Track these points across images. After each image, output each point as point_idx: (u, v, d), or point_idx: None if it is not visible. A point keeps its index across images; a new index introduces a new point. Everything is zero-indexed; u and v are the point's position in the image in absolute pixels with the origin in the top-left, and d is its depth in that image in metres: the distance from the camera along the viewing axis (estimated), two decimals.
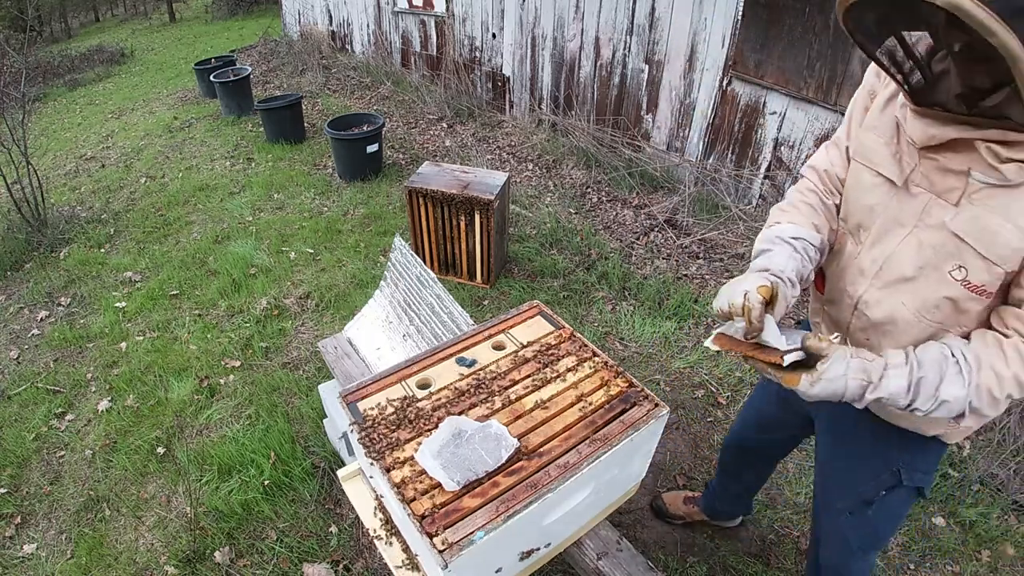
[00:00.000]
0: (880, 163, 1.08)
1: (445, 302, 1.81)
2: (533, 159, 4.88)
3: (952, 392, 0.96)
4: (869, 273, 1.12)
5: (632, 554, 1.45)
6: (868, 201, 1.11)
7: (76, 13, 18.62)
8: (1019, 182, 0.88)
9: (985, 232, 0.93)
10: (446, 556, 1.05)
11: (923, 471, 1.26)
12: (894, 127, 1.05)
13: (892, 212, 1.06)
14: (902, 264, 1.06)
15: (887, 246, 1.08)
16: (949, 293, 1.00)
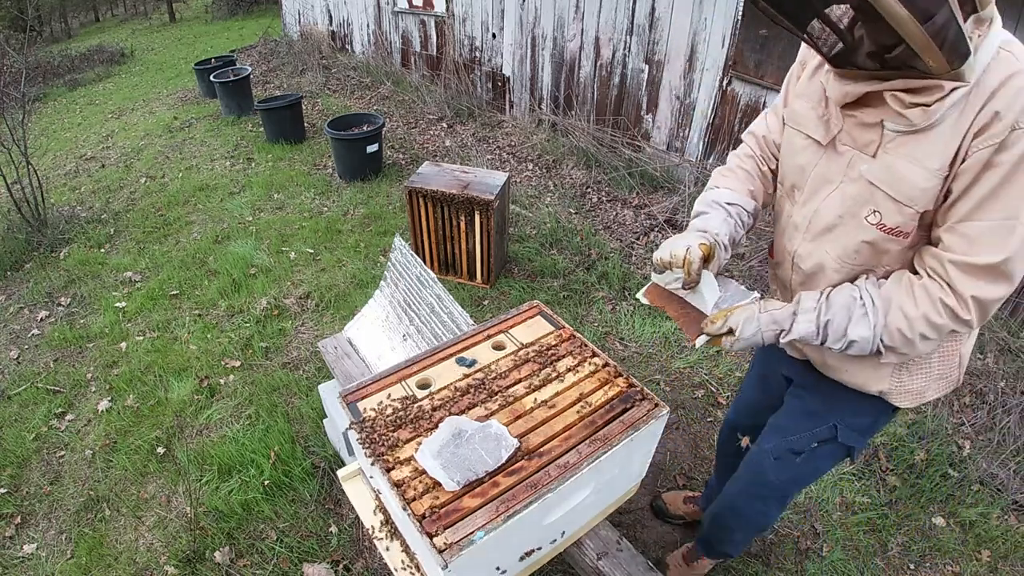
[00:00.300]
0: (808, 126, 1.15)
1: (445, 302, 1.81)
2: (533, 159, 4.88)
3: (859, 332, 1.06)
4: (801, 228, 1.20)
5: (632, 554, 1.45)
6: (799, 161, 1.18)
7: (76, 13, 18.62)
8: (925, 126, 0.94)
9: (895, 176, 1.00)
10: (446, 556, 1.05)
11: (858, 431, 1.32)
12: (821, 92, 1.12)
13: (820, 170, 1.14)
14: (826, 215, 1.13)
15: (816, 202, 1.15)
16: (866, 237, 1.08)
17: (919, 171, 0.97)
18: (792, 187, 1.23)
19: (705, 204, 1.30)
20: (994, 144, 0.90)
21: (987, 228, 0.94)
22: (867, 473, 2.30)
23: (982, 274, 0.96)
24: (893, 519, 2.14)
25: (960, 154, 0.94)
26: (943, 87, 0.90)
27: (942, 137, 0.94)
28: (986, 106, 0.90)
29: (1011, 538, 2.08)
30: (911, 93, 0.93)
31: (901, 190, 1.00)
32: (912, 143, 0.98)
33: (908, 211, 1.01)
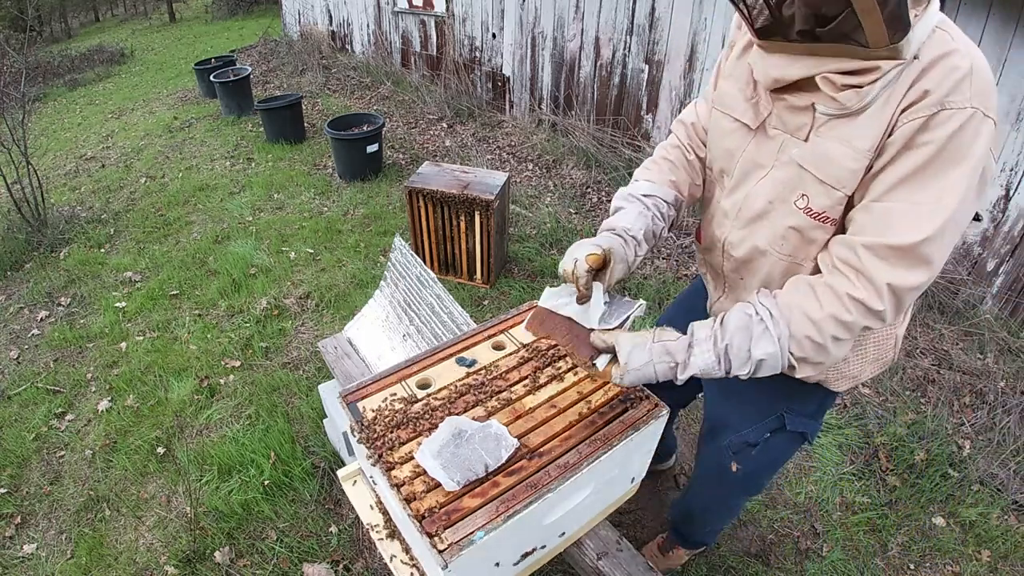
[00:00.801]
0: (735, 108, 1.11)
1: (445, 302, 1.81)
2: (533, 159, 4.88)
3: (765, 349, 0.96)
4: (731, 215, 1.16)
5: (632, 554, 1.45)
6: (727, 145, 1.14)
7: (76, 13, 18.62)
8: (857, 108, 0.90)
9: (823, 158, 0.96)
10: (446, 556, 1.05)
11: (806, 416, 1.30)
12: (749, 74, 1.08)
13: (750, 154, 1.09)
14: (757, 202, 1.09)
15: (747, 187, 1.11)
16: (794, 223, 1.03)
17: (848, 152, 0.93)
18: (721, 172, 1.19)
19: (622, 199, 1.27)
20: (920, 118, 0.86)
21: (905, 209, 0.89)
22: (867, 473, 2.30)
23: (897, 258, 0.89)
24: (893, 519, 2.14)
25: (887, 130, 0.90)
26: (879, 67, 0.86)
27: (873, 117, 0.90)
28: (916, 84, 0.87)
29: (1011, 538, 2.08)
30: (844, 75, 0.89)
31: (829, 172, 0.96)
32: (843, 125, 0.94)
33: (836, 194, 0.96)
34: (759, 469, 1.43)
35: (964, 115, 0.84)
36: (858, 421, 2.49)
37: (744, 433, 1.38)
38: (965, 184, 0.86)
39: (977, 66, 0.86)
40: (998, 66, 2.68)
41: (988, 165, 0.89)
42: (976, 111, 0.84)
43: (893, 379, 2.65)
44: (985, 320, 2.89)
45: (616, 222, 1.21)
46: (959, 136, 0.84)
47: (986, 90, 0.85)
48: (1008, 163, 2.78)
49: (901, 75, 0.88)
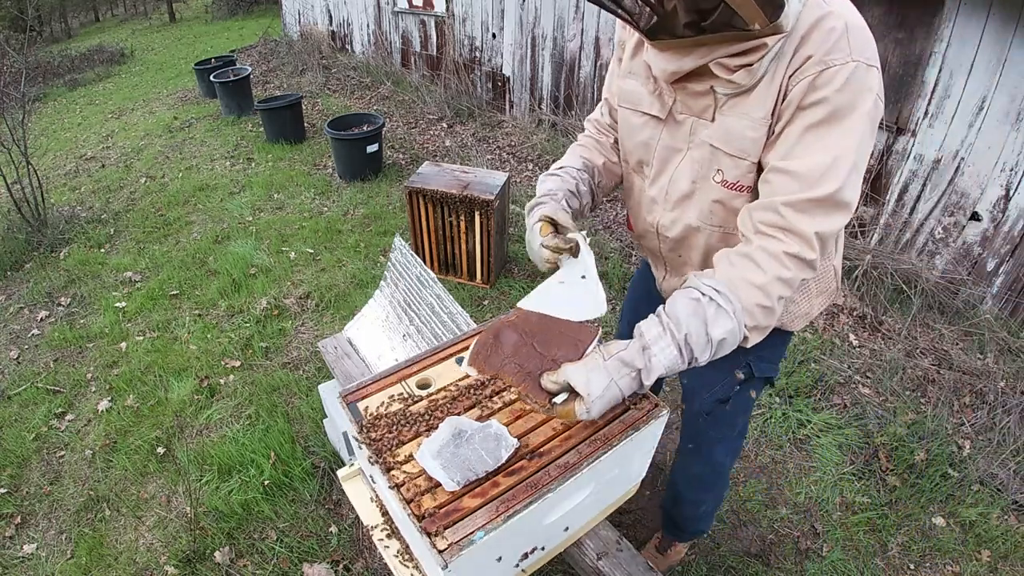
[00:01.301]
0: (642, 103, 1.18)
1: (445, 302, 1.81)
2: (533, 159, 4.88)
3: (724, 327, 0.96)
4: (660, 200, 1.23)
5: (632, 554, 1.45)
6: (642, 138, 1.21)
7: (76, 13, 18.62)
8: (751, 85, 0.97)
9: (728, 134, 1.04)
10: (446, 556, 1.05)
11: (769, 361, 1.37)
12: (647, 69, 1.15)
13: (666, 142, 1.16)
14: (681, 184, 1.17)
15: (669, 172, 1.19)
16: (716, 196, 1.11)
17: (747, 123, 1.01)
18: (639, 163, 1.26)
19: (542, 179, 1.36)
20: (808, 78, 0.92)
21: (815, 163, 0.94)
22: (867, 473, 2.30)
23: (817, 208, 0.95)
24: (893, 519, 2.14)
25: (779, 97, 0.96)
26: (765, 44, 0.91)
27: (764, 88, 0.97)
28: (798, 51, 0.93)
29: (1011, 538, 2.08)
30: (733, 57, 0.94)
31: (735, 145, 1.03)
32: (742, 101, 1.01)
33: (743, 163, 1.04)
34: (735, 416, 1.48)
35: (848, 69, 0.90)
36: (858, 421, 2.49)
37: (715, 391, 1.42)
38: (860, 129, 0.92)
39: (851, 23, 0.92)
40: (998, 66, 2.68)
41: (877, 107, 0.94)
42: (858, 63, 0.91)
43: (893, 379, 2.65)
44: (985, 320, 2.89)
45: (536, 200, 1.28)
46: (847, 88, 0.91)
47: (864, 43, 0.92)
48: (1008, 163, 2.78)
49: (784, 44, 0.94)
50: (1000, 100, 2.72)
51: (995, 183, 2.85)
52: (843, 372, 2.70)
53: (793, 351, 2.79)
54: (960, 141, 2.91)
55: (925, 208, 3.13)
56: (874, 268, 3.12)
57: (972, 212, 2.98)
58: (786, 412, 2.53)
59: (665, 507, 1.84)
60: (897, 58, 3.01)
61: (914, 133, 3.05)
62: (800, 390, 2.63)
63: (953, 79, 2.84)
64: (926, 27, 2.86)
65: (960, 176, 2.97)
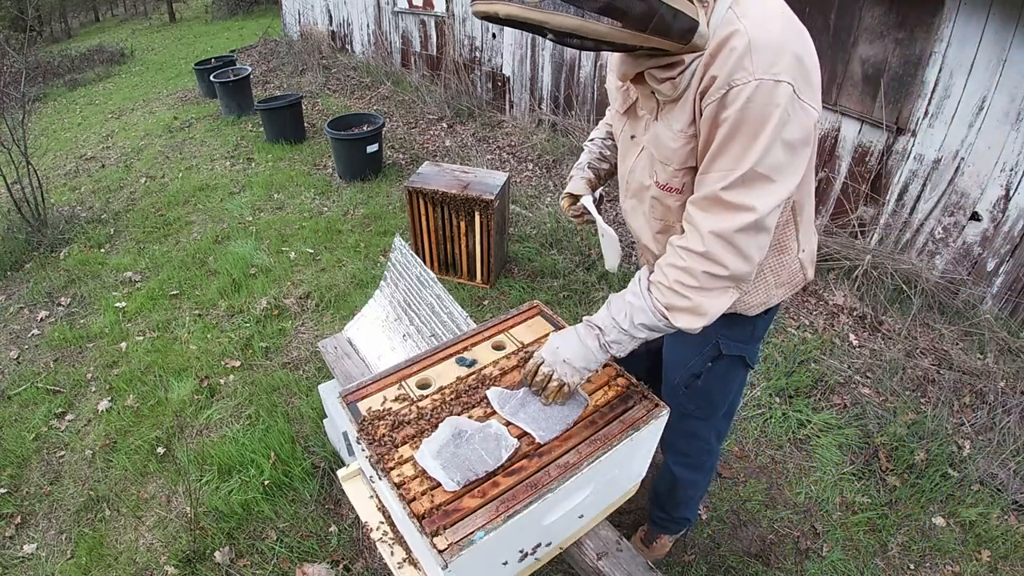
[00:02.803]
0: (614, 99, 1.31)
1: (445, 302, 1.81)
2: (533, 159, 4.88)
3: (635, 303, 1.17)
4: (622, 187, 1.35)
5: (632, 554, 1.45)
6: (615, 128, 1.35)
7: (76, 13, 18.61)
8: (676, 96, 1.06)
9: (657, 140, 1.14)
10: (446, 556, 1.05)
11: (737, 341, 1.44)
12: None
13: (627, 132, 1.28)
14: (638, 174, 1.26)
15: (629, 162, 1.29)
16: (655, 194, 1.22)
17: (669, 133, 1.10)
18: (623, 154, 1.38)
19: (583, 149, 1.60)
20: (715, 100, 0.99)
21: (716, 171, 1.04)
22: (867, 473, 2.30)
23: (712, 206, 1.05)
24: (893, 519, 2.14)
25: (695, 114, 1.05)
26: (683, 60, 1.00)
27: (684, 101, 1.06)
28: (707, 71, 0.99)
29: (1011, 538, 2.08)
30: (662, 69, 1.03)
31: (662, 152, 1.14)
32: (671, 109, 1.10)
33: (668, 169, 1.14)
34: (711, 392, 1.53)
35: (750, 88, 0.95)
36: (858, 421, 2.49)
37: (689, 366, 1.50)
38: (765, 141, 0.98)
39: (755, 40, 0.95)
40: (998, 66, 2.68)
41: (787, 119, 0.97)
42: (761, 81, 0.95)
43: (893, 379, 2.65)
44: (985, 320, 2.89)
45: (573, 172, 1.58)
46: (749, 106, 0.96)
47: (767, 59, 0.95)
48: (1008, 163, 2.78)
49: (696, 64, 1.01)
50: (1000, 100, 2.72)
51: (995, 183, 2.85)
52: (843, 372, 2.70)
53: (793, 351, 2.79)
54: (960, 141, 2.91)
55: (925, 208, 3.13)
56: (874, 268, 3.12)
57: (972, 212, 2.97)
58: (786, 412, 2.53)
59: (657, 492, 1.87)
60: (897, 58, 3.01)
61: (914, 133, 3.05)
62: (800, 390, 2.63)
63: (953, 79, 2.84)
64: (926, 27, 2.86)
65: (960, 176, 2.96)
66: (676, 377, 1.55)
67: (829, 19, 3.08)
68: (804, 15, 3.15)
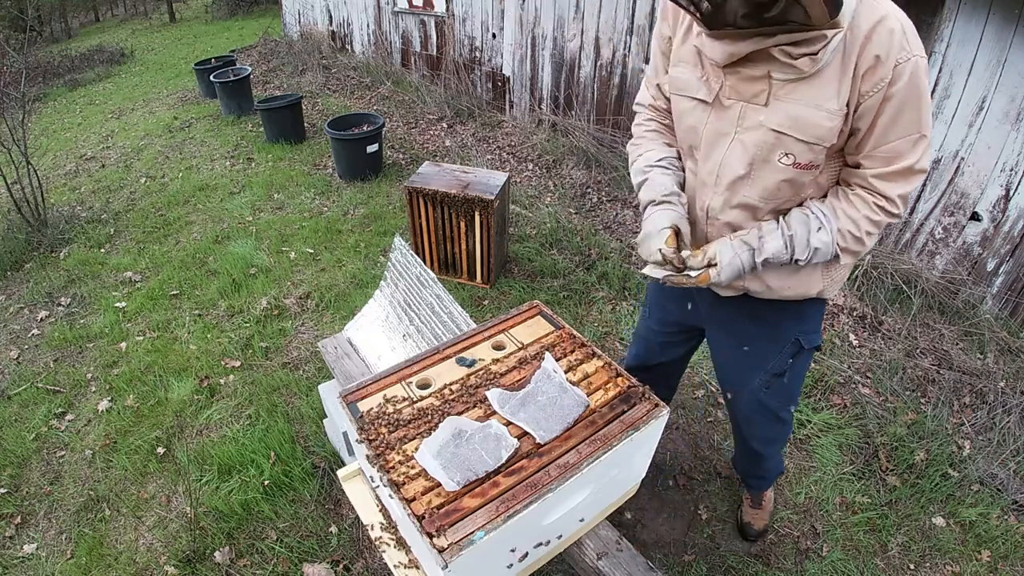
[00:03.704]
0: (690, 88, 1.25)
1: (445, 302, 1.81)
2: (533, 159, 4.88)
3: (821, 239, 1.21)
4: (710, 183, 1.30)
5: (632, 554, 1.45)
6: (690, 123, 1.29)
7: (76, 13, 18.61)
8: (812, 72, 1.07)
9: (799, 121, 1.12)
10: (446, 556, 1.05)
11: (814, 331, 1.50)
12: (696, 56, 1.22)
13: (712, 126, 1.24)
14: (733, 166, 1.24)
15: (717, 156, 1.26)
16: (784, 176, 1.20)
17: (821, 114, 1.10)
18: (690, 147, 1.33)
19: (640, 173, 1.42)
20: (884, 83, 1.05)
21: (896, 146, 1.12)
22: (867, 473, 2.30)
23: (899, 177, 1.15)
24: (893, 519, 2.14)
25: (855, 95, 1.08)
26: (825, 35, 1.01)
27: (831, 79, 1.07)
28: (865, 50, 1.04)
29: (1011, 538, 2.08)
30: (795, 45, 1.03)
31: (809, 132, 1.12)
32: (803, 88, 1.09)
33: (818, 148, 1.14)
34: (791, 391, 1.63)
35: (912, 64, 1.05)
36: (858, 421, 2.49)
37: (770, 367, 1.54)
38: (927, 110, 1.11)
39: (905, 23, 1.05)
40: (998, 66, 2.68)
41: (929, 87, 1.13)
42: (917, 57, 1.05)
43: (893, 379, 2.65)
44: (985, 320, 2.89)
45: (654, 191, 1.36)
46: (914, 80, 1.06)
47: (916, 39, 1.06)
48: (1008, 163, 2.78)
49: (845, 41, 1.04)
50: (1000, 100, 2.72)
51: (995, 183, 2.85)
52: (843, 372, 2.70)
53: None
54: (960, 141, 2.91)
55: (925, 208, 3.13)
56: (874, 268, 3.12)
57: (972, 212, 2.97)
58: None
59: (745, 470, 2.01)
60: None
61: None
62: (800, 390, 2.62)
63: (953, 79, 2.84)
64: (926, 27, 2.86)
65: (960, 176, 2.97)
66: (754, 381, 1.59)
67: None
68: None
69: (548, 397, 1.34)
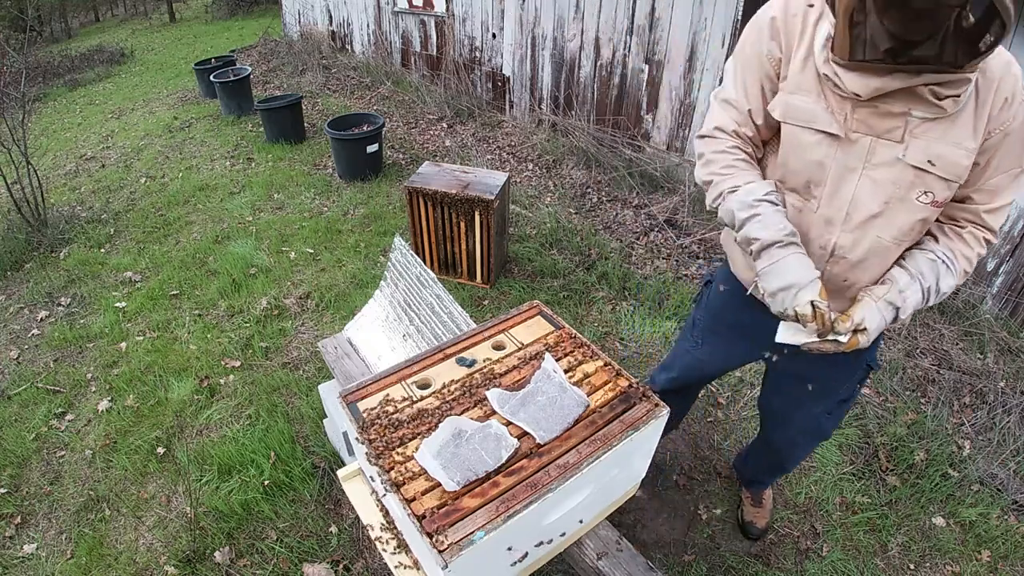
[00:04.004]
0: (816, 120, 1.16)
1: (445, 302, 1.81)
2: (533, 159, 4.88)
3: (948, 284, 1.22)
4: (837, 221, 1.22)
5: (632, 554, 1.45)
6: (814, 157, 1.20)
7: (76, 13, 18.60)
8: (953, 112, 1.07)
9: (942, 159, 1.11)
10: (446, 556, 1.05)
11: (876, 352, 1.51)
12: (817, 84, 1.15)
13: (840, 161, 1.18)
14: (866, 204, 1.18)
15: (846, 192, 1.19)
16: (921, 215, 1.18)
17: (961, 152, 1.10)
18: (807, 183, 1.23)
19: (747, 207, 1.23)
20: (1009, 123, 1.10)
21: (1001, 180, 1.17)
22: (867, 473, 2.30)
23: (1003, 211, 1.21)
24: (893, 519, 2.14)
25: (986, 134, 1.11)
26: (969, 79, 1.03)
27: (967, 119, 1.09)
28: (997, 92, 1.08)
29: (1011, 538, 2.08)
30: (942, 85, 1.03)
31: (950, 171, 1.11)
32: (941, 127, 1.09)
33: (954, 185, 1.14)
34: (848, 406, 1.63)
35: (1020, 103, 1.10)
36: (858, 421, 2.49)
37: (840, 393, 1.54)
38: None
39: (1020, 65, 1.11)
40: None
41: None
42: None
43: (893, 379, 2.65)
44: (985, 320, 2.89)
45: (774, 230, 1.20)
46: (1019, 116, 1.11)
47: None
48: None
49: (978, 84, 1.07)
50: None
51: None
52: None
53: None
54: None
55: None
56: None
57: None
58: None
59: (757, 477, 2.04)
60: None
61: None
62: None
63: None
64: None
65: None
66: (820, 407, 1.59)
67: None
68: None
69: (548, 397, 1.34)
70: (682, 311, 3.08)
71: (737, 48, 1.27)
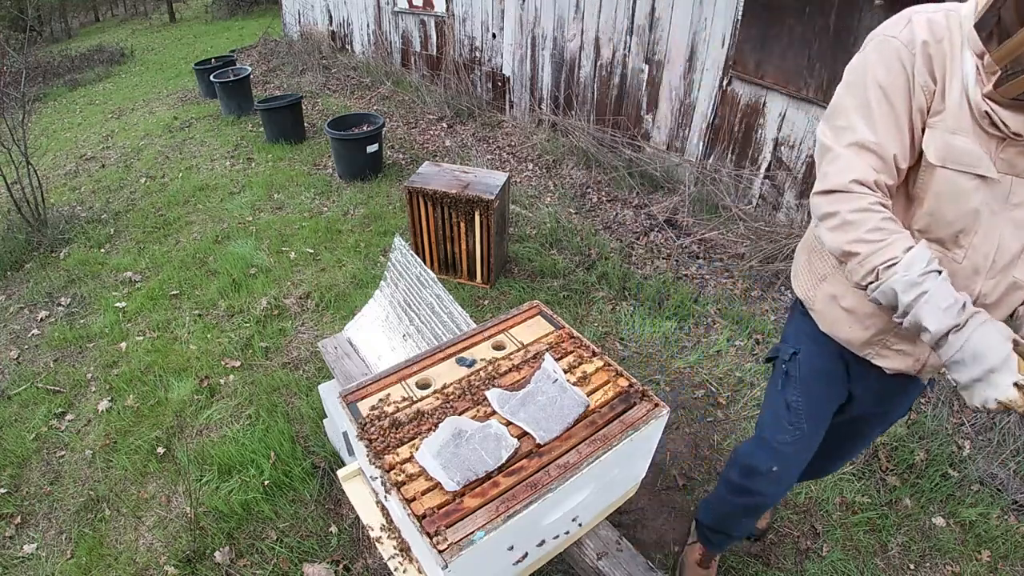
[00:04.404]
0: (977, 164, 1.04)
1: (445, 302, 1.81)
2: (533, 159, 4.88)
3: None
4: (983, 269, 1.11)
5: (632, 554, 1.45)
6: (971, 206, 1.06)
7: (76, 13, 18.61)
8: None
9: None
10: (446, 556, 1.05)
11: None
12: (972, 122, 1.03)
13: (987, 204, 1.06)
14: (1010, 247, 1.09)
15: (993, 238, 1.09)
16: None
17: None
18: (957, 233, 1.10)
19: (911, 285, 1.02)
20: None
21: None
22: (867, 473, 2.30)
23: None
24: (893, 519, 2.14)
25: None
26: None
27: None
28: None
29: (1011, 538, 2.08)
30: None
31: None
32: None
33: None
34: None
35: None
36: None
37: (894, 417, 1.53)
38: None
39: None
40: None
41: None
42: None
43: None
44: None
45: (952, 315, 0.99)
46: None
47: None
48: None
49: None
50: None
51: None
52: None
53: None
54: None
55: None
56: None
57: None
58: None
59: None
60: None
61: None
62: None
63: None
64: None
65: None
66: (877, 432, 1.59)
67: (829, 20, 3.08)
68: (804, 15, 3.16)
69: (548, 397, 1.34)
70: (682, 311, 3.08)
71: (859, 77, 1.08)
